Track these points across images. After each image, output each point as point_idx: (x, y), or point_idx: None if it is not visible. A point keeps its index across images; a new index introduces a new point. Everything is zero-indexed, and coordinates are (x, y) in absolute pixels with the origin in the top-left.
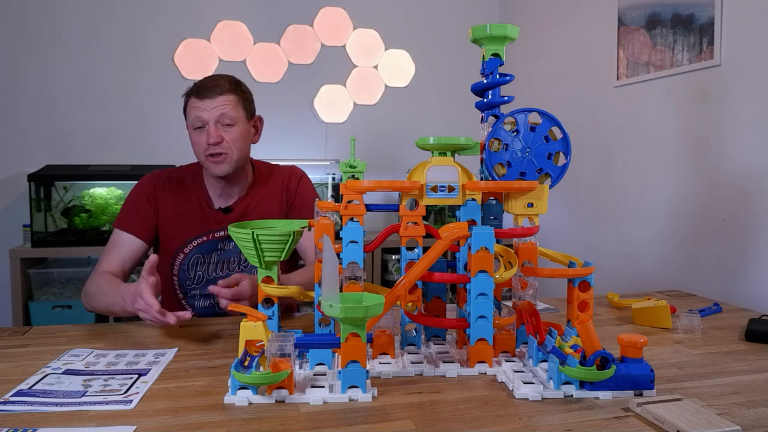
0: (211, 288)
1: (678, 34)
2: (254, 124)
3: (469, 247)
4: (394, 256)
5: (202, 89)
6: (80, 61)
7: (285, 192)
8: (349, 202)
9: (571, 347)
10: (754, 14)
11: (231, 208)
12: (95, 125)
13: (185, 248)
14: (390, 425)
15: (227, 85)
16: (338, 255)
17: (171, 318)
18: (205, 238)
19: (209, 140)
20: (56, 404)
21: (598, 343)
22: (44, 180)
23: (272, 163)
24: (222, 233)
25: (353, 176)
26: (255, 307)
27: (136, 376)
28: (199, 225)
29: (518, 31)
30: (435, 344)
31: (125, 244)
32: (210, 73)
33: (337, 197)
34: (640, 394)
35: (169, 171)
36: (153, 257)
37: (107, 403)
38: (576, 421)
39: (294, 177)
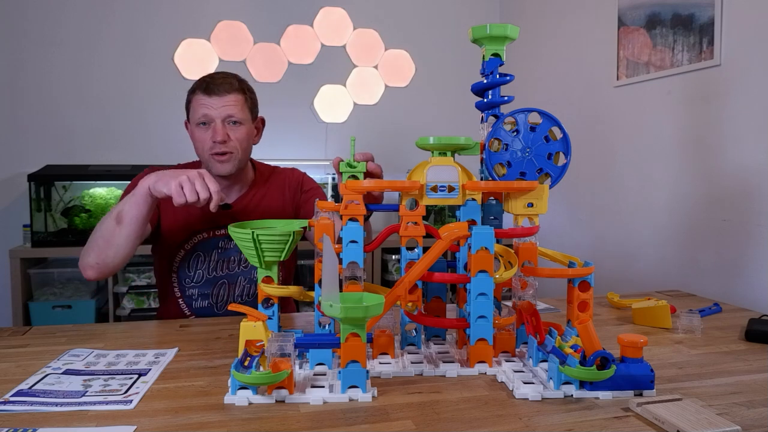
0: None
1: (678, 34)
2: (257, 125)
3: (469, 247)
4: (394, 256)
5: (211, 86)
6: (80, 61)
7: (290, 188)
8: (349, 202)
9: (571, 347)
10: (754, 14)
11: (230, 206)
12: (95, 125)
13: (186, 245)
14: (390, 425)
15: (236, 83)
16: (338, 255)
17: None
18: (206, 235)
19: (216, 138)
20: (56, 404)
21: (598, 343)
22: (44, 180)
23: (272, 165)
24: (223, 231)
25: (353, 176)
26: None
27: (136, 376)
28: (200, 221)
29: (518, 31)
30: (435, 344)
31: None
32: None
33: (337, 197)
34: (640, 394)
35: (170, 168)
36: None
37: (107, 403)
38: (576, 421)
39: (296, 174)
